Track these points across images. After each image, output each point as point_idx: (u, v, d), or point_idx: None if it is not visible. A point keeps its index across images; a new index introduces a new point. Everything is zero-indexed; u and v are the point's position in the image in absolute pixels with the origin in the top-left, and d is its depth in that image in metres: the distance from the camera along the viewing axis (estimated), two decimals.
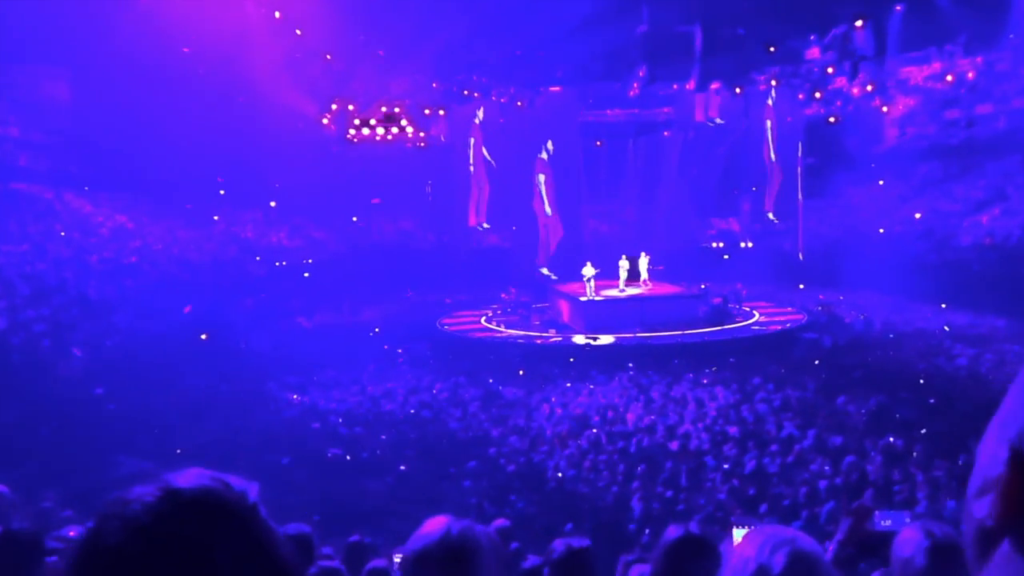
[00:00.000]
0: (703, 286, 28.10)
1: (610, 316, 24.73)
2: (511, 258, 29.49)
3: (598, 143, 36.07)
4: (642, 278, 27.56)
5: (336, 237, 32.10)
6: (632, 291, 26.82)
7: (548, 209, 26.71)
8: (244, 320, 22.71)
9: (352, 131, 29.77)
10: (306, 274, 29.14)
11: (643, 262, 27.81)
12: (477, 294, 30.66)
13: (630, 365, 19.59)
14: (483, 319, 27.35)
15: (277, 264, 28.51)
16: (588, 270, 26.10)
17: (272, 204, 31.17)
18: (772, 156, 33.52)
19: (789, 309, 27.43)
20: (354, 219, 33.65)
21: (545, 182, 26.12)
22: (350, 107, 29.71)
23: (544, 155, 25.99)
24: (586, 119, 33.95)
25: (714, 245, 34.62)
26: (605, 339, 22.92)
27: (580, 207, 33.91)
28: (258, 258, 28.19)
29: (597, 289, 26.08)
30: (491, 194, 33.60)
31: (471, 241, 34.50)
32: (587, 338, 23.09)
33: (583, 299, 25.53)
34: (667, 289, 27.73)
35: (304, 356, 20.60)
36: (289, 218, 31.14)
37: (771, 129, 33.18)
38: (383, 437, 14.84)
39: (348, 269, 29.43)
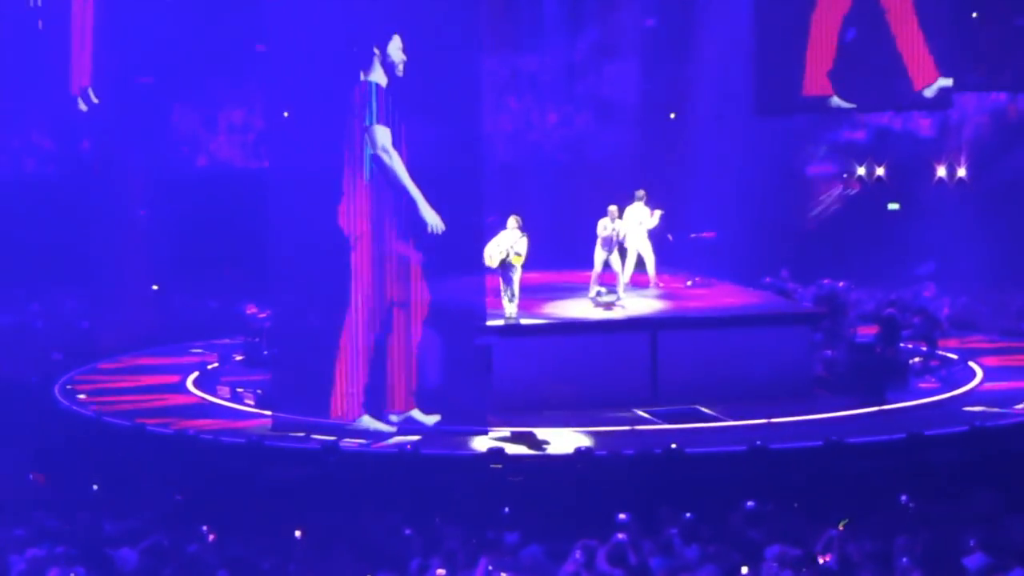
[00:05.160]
0: (825, 284, 26.71)
1: (562, 374, 22.78)
2: (271, 201, 26.24)
3: None
4: (627, 268, 26.23)
5: None
6: (629, 302, 25.15)
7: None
8: None
9: None
10: None
11: (642, 215, 26.51)
12: (178, 313, 30.71)
13: (621, 517, 16.47)
14: (190, 381, 26.21)
15: None
16: (502, 242, 23.60)
17: None
18: None
19: None
20: None
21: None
22: None
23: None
24: None
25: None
26: (546, 438, 21.08)
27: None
28: None
29: (528, 299, 24.30)
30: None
31: (171, 163, 34.10)
32: (498, 439, 21.17)
33: (489, 324, 23.06)
34: (723, 297, 26.54)
35: None
36: None
37: None
38: None
39: None
